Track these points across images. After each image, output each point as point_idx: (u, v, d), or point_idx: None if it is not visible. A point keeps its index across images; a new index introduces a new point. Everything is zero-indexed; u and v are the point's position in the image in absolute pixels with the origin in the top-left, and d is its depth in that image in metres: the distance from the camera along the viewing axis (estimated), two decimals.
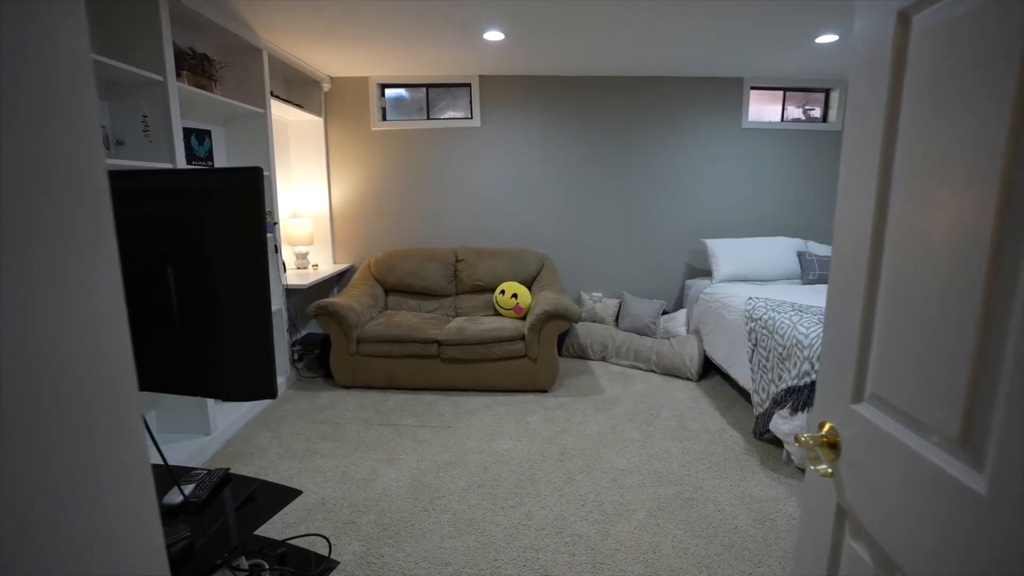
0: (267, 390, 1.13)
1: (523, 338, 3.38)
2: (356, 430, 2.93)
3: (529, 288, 4.03)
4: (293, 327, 4.05)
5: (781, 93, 4.27)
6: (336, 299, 3.48)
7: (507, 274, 4.01)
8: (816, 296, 3.31)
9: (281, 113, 3.85)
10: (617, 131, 4.24)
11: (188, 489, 1.32)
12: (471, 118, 4.29)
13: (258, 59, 3.13)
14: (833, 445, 0.88)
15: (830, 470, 0.86)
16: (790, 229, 4.38)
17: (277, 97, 3.45)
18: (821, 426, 0.92)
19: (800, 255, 3.91)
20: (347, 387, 3.53)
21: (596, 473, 2.49)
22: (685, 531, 2.07)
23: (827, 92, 4.25)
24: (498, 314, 3.87)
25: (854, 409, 0.83)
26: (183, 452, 2.45)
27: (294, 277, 3.77)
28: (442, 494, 2.32)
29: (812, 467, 0.89)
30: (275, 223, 3.31)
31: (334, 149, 4.32)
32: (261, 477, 2.41)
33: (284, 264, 3.75)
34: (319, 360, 3.85)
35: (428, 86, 4.32)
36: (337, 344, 3.43)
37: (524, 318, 3.66)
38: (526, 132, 4.27)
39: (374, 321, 3.61)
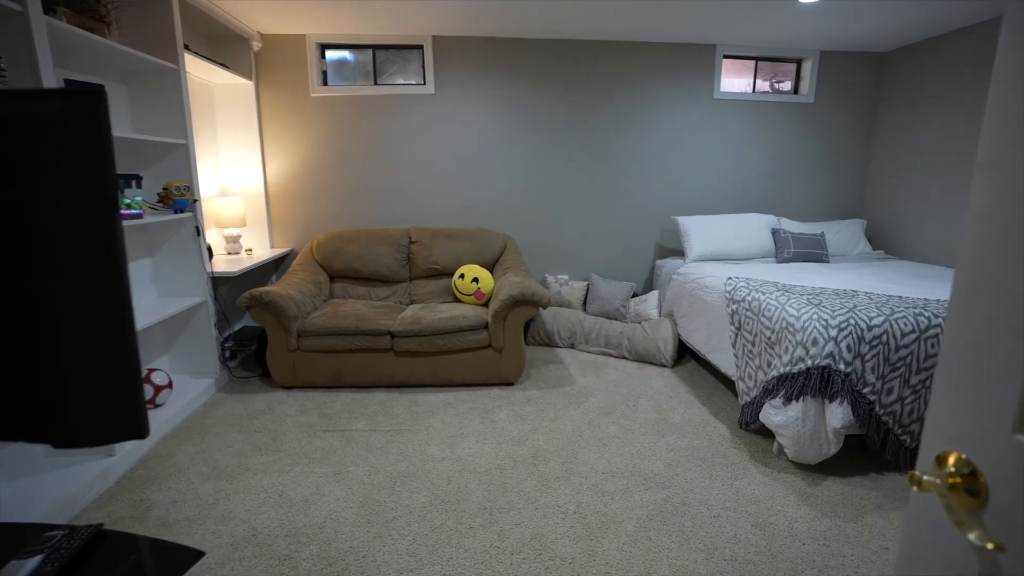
0: (130, 427, 0.76)
1: (486, 327, 3.06)
2: (297, 439, 2.53)
3: (491, 271, 3.70)
4: (224, 320, 3.57)
5: (752, 64, 4.07)
6: (272, 288, 3.04)
7: (466, 256, 3.66)
8: (796, 274, 3.14)
9: (203, 74, 3.32)
10: (583, 101, 3.93)
11: (32, 563, 0.93)
12: (424, 84, 3.87)
13: (165, 2, 2.61)
14: (971, 489, 0.61)
15: (990, 543, 0.58)
16: (762, 205, 4.22)
17: (195, 53, 2.93)
18: (942, 460, 0.65)
19: (774, 232, 3.74)
20: (287, 388, 3.11)
21: (575, 478, 2.22)
22: (680, 544, 1.82)
23: (799, 63, 4.07)
24: (457, 300, 3.52)
25: (1021, 441, 0.56)
26: (76, 482, 2.00)
27: (223, 263, 3.29)
28: (399, 514, 1.99)
29: (966, 535, 0.60)
30: (195, 200, 2.82)
31: (268, 118, 3.81)
32: (179, 503, 2.00)
33: (210, 249, 3.26)
34: (255, 357, 3.40)
35: (375, 47, 3.86)
36: (274, 339, 3.00)
37: (486, 304, 3.33)
38: (485, 100, 3.89)
39: (317, 312, 3.19)
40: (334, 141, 3.88)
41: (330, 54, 3.88)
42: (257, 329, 3.64)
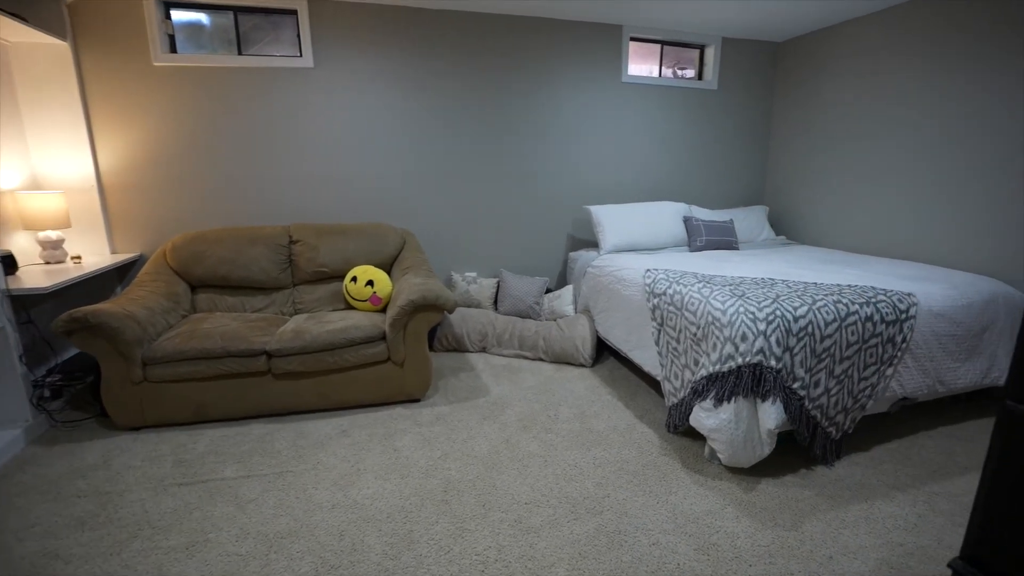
0: None
1: (384, 337, 2.64)
2: (140, 500, 1.97)
3: (389, 272, 3.27)
4: (47, 349, 2.82)
5: (657, 49, 3.96)
6: (103, 306, 2.39)
7: (359, 256, 3.19)
8: (711, 263, 3.04)
9: None
10: (487, 81, 3.59)
11: None
12: (300, 56, 3.32)
13: None
14: None
15: None
16: (673, 193, 4.15)
17: None
18: None
19: (686, 220, 3.66)
20: (134, 429, 2.48)
21: (494, 514, 1.89)
22: None
23: (702, 49, 4.03)
24: (351, 307, 3.06)
25: None
26: None
27: (37, 276, 2.56)
28: None
29: None
30: None
31: (96, 90, 3.05)
32: None
33: (10, 258, 2.53)
34: (92, 393, 2.71)
35: (236, 9, 3.24)
36: (111, 370, 2.37)
37: (384, 310, 2.91)
38: (375, 77, 3.42)
39: (172, 331, 2.58)
40: (191, 122, 3.21)
41: (177, 15, 3.20)
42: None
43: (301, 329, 2.60)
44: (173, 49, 3.19)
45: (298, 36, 3.31)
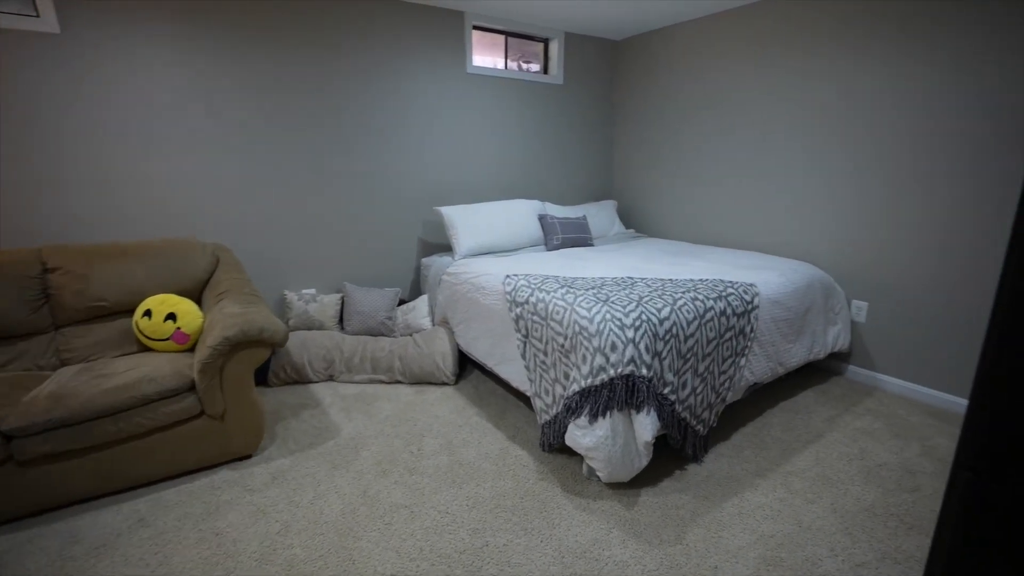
0: None
1: (193, 387, 2.07)
2: None
3: (198, 301, 2.63)
4: None
5: (502, 41, 3.78)
6: None
7: (153, 283, 2.50)
8: (570, 263, 2.94)
9: None
10: (316, 64, 3.06)
11: None
12: (36, 16, 2.48)
13: None
14: None
15: None
16: (526, 190, 4.02)
17: None
18: None
19: (541, 219, 3.55)
20: None
21: None
22: None
23: (546, 43, 3.94)
24: (147, 349, 2.38)
25: None
26: None
27: None
28: None
29: None
30: None
31: None
32: None
33: None
34: None
35: None
36: None
37: (194, 349, 2.30)
38: (165, 52, 2.70)
39: None
40: None
41: None
42: None
43: (64, 392, 1.91)
44: None
45: None
